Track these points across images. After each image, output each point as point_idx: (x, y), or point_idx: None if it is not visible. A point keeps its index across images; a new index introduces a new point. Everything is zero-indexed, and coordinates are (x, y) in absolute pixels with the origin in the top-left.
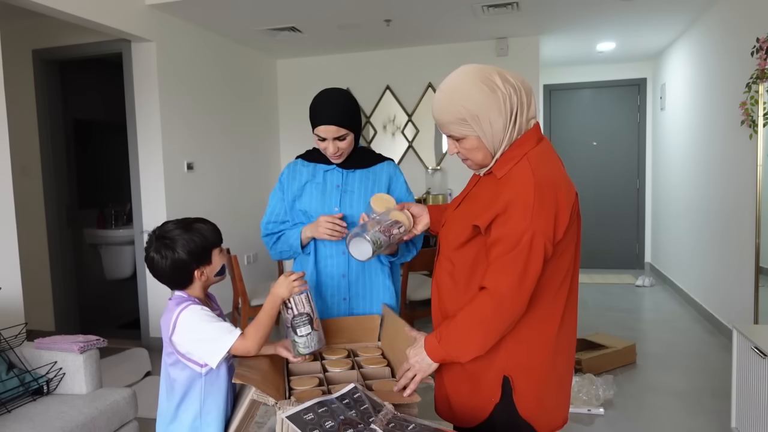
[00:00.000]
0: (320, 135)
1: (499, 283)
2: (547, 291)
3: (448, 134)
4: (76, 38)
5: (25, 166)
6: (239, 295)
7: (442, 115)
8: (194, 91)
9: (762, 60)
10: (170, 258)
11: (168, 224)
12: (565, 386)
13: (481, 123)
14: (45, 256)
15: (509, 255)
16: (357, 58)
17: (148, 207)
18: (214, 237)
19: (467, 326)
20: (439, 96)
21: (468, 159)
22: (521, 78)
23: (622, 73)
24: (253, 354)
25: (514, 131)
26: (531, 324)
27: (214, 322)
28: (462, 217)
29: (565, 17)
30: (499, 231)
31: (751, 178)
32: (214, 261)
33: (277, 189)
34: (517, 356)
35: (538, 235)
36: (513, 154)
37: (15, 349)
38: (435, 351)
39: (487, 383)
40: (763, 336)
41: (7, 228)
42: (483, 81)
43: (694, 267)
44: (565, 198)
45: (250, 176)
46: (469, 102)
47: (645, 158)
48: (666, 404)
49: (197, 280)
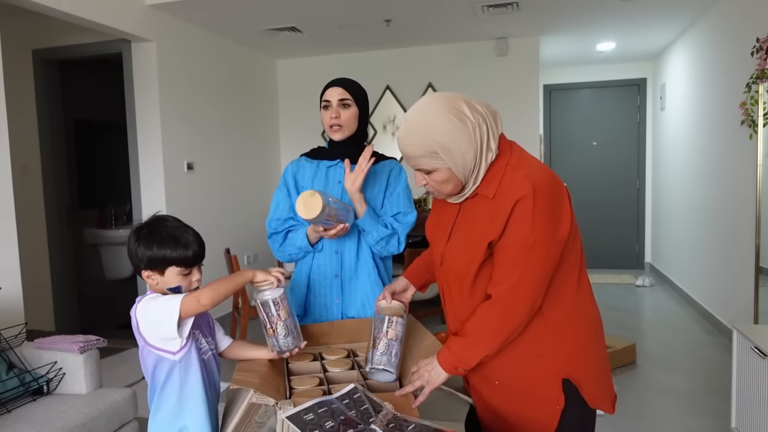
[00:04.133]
0: (326, 98)
1: (500, 290)
2: (569, 288)
3: (417, 167)
4: (76, 38)
5: (25, 166)
6: (239, 295)
7: (410, 147)
8: (194, 91)
9: (762, 60)
10: (130, 240)
11: (167, 220)
12: (607, 358)
13: (453, 155)
14: (45, 256)
15: (511, 263)
16: (357, 58)
17: (148, 207)
18: (173, 254)
19: (476, 334)
20: (406, 128)
21: (436, 190)
22: (485, 103)
23: (622, 73)
24: (206, 307)
25: (489, 157)
26: (567, 318)
27: (163, 297)
28: (465, 244)
29: (565, 17)
30: (501, 241)
31: (751, 178)
32: (167, 275)
33: (281, 186)
34: (569, 354)
35: (540, 240)
36: (495, 170)
37: (15, 349)
38: (446, 361)
39: (547, 394)
40: (763, 336)
41: (7, 228)
42: (451, 112)
43: (694, 267)
44: (561, 192)
45: (250, 176)
46: (438, 134)
47: (645, 158)
48: (666, 404)
49: (147, 281)
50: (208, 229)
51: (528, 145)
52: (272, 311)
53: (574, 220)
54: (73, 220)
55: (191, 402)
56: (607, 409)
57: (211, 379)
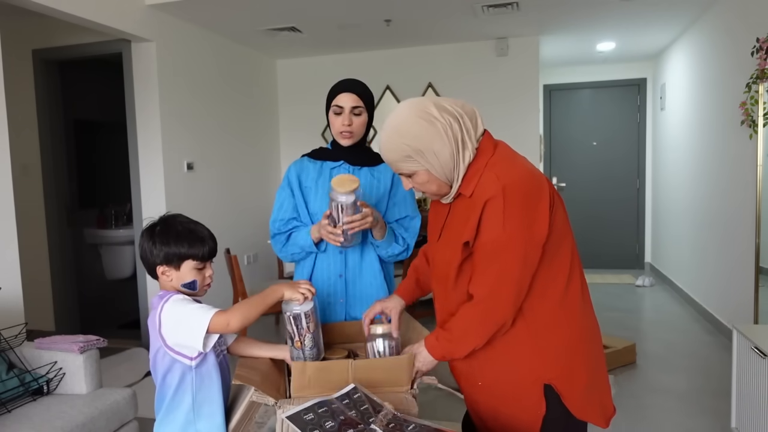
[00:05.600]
0: (338, 104)
1: (481, 291)
2: (555, 288)
3: (398, 171)
4: (76, 38)
5: (25, 166)
6: (239, 295)
7: (388, 153)
8: (194, 91)
9: (762, 60)
10: (142, 240)
11: (179, 217)
12: (604, 371)
13: (426, 156)
14: (45, 256)
15: (487, 263)
16: (357, 58)
17: (148, 207)
18: (190, 249)
19: (459, 333)
20: (382, 136)
21: (424, 192)
22: (461, 102)
23: (622, 73)
24: (235, 330)
25: (465, 156)
26: (551, 323)
27: (194, 304)
28: (448, 244)
29: (565, 17)
30: (477, 241)
31: (751, 178)
32: (183, 270)
33: (284, 186)
34: (551, 360)
35: (513, 239)
36: (474, 170)
37: (15, 349)
38: (434, 350)
39: (528, 397)
40: (763, 336)
41: (7, 228)
42: (419, 115)
43: (694, 267)
44: (537, 193)
45: (250, 176)
46: (409, 138)
47: (645, 158)
48: (666, 404)
49: (162, 278)
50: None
51: (528, 145)
52: (302, 324)
53: (564, 221)
54: (73, 220)
55: (207, 407)
56: (598, 423)
57: (225, 381)
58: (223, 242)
